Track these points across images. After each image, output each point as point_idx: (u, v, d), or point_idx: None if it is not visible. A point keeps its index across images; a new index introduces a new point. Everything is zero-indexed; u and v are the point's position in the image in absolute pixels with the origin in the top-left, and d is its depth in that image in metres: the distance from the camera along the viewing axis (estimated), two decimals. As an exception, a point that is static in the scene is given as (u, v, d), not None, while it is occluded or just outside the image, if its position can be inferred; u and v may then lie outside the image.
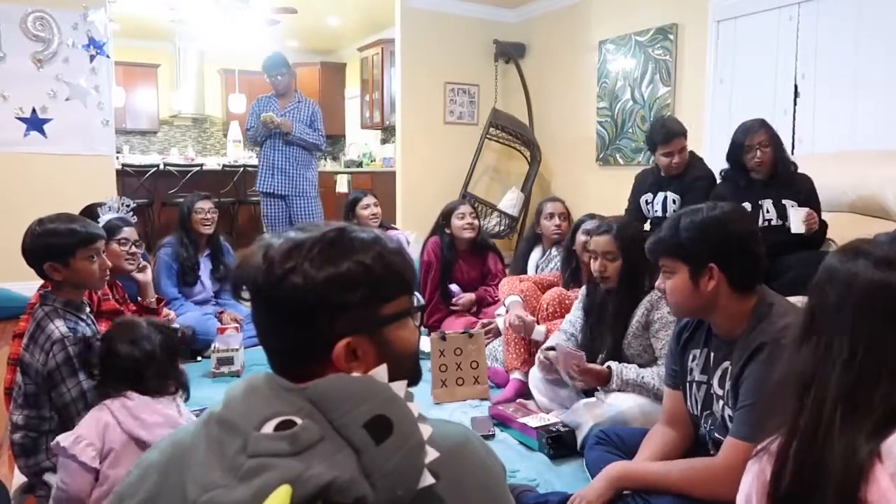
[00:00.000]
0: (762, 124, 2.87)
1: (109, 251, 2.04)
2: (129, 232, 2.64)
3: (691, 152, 3.29)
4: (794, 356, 0.95)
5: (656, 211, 3.30)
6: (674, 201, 3.23)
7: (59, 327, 1.75)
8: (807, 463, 0.86)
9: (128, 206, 2.76)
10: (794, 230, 2.73)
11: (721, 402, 1.55)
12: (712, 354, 1.59)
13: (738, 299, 1.51)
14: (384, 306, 0.81)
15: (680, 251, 1.53)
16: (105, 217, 2.55)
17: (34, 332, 1.77)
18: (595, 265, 2.26)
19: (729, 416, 1.51)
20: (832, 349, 0.89)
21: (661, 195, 3.29)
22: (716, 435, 1.56)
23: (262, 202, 4.70)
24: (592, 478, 1.81)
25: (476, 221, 3.59)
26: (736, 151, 2.91)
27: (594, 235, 2.30)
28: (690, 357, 1.66)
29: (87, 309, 1.92)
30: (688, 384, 1.67)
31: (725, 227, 1.51)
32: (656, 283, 1.62)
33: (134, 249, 2.65)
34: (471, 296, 3.61)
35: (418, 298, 0.97)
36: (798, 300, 2.61)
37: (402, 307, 0.84)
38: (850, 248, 0.94)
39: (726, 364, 1.54)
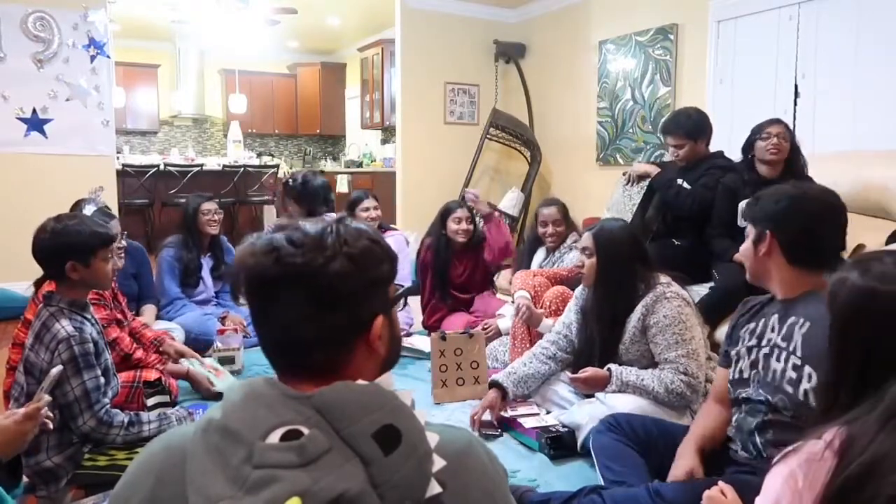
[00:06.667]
0: (781, 120, 2.95)
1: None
2: (114, 225, 2.67)
3: (716, 152, 3.20)
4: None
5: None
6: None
7: (64, 327, 1.76)
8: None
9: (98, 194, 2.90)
10: None
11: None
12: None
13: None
14: (390, 286, 0.86)
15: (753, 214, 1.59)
16: (88, 210, 2.60)
17: (39, 331, 1.78)
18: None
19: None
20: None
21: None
22: None
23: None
24: (598, 465, 1.79)
25: (471, 227, 3.55)
26: (752, 138, 2.92)
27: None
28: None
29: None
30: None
31: (799, 202, 1.52)
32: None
33: (122, 244, 2.73)
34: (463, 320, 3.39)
35: (399, 284, 1.04)
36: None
37: (395, 289, 0.88)
38: None
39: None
